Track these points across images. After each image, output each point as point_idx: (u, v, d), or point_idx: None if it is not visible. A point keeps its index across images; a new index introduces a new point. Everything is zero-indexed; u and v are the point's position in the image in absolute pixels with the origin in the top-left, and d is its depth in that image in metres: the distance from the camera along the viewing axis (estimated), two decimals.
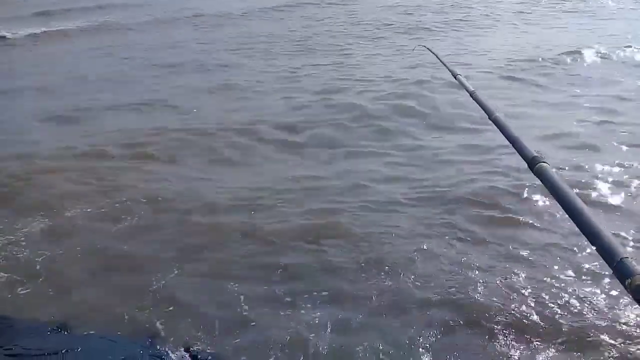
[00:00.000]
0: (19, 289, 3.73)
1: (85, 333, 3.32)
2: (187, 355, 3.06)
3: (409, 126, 6.46)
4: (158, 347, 3.13)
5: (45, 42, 13.74)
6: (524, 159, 1.17)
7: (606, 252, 0.86)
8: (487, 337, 3.11)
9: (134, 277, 3.86)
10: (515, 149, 1.22)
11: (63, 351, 3.09)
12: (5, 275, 3.88)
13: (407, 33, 11.82)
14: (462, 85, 1.83)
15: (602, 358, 2.91)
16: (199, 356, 3.06)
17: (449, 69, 2.24)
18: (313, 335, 3.17)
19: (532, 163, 1.13)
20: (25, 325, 3.39)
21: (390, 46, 10.78)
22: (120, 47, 12.35)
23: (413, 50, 4.72)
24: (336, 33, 12.36)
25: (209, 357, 3.05)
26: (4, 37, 14.26)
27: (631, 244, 3.86)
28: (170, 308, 3.49)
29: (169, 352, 3.08)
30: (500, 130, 1.31)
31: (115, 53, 11.74)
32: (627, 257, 0.83)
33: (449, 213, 4.38)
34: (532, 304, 3.34)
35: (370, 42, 11.25)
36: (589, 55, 8.74)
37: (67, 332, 3.33)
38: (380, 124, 6.53)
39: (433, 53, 2.99)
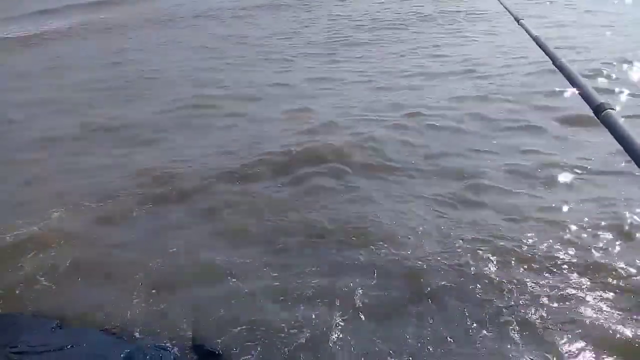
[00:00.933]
0: (23, 286, 3.77)
1: (88, 329, 3.35)
2: (190, 347, 3.12)
3: None
4: (161, 340, 3.20)
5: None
6: (589, 105, 1.12)
7: None
8: None
9: (135, 274, 3.88)
10: (581, 95, 1.17)
11: (67, 347, 3.09)
12: (11, 273, 3.92)
13: None
14: (526, 31, 1.75)
15: None
16: (204, 348, 3.11)
17: (511, 14, 2.13)
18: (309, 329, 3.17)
19: (599, 110, 1.08)
20: (29, 323, 3.40)
21: None
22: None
23: None
24: None
25: (214, 350, 3.10)
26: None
27: None
28: (174, 302, 3.54)
29: (173, 344, 3.15)
30: (565, 77, 1.26)
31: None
32: None
33: None
34: None
35: None
36: None
37: (71, 328, 3.35)
38: None
39: None
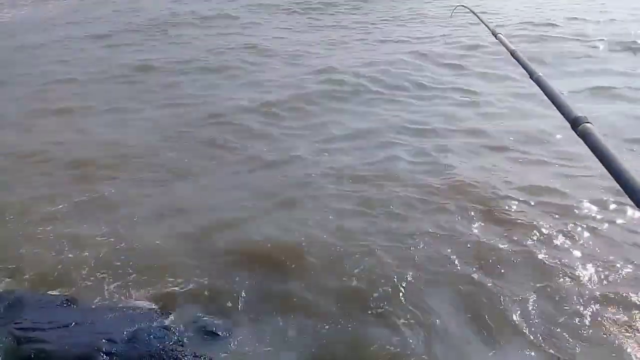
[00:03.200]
0: (28, 263, 3.78)
1: (93, 306, 3.36)
2: (193, 327, 3.11)
3: None
4: (166, 319, 3.18)
5: None
6: (566, 119, 1.13)
7: None
8: None
9: (142, 251, 3.90)
10: (558, 109, 1.18)
11: (72, 324, 3.07)
12: (15, 251, 3.93)
13: None
14: (503, 45, 1.76)
15: None
16: (207, 328, 3.11)
17: (489, 28, 2.15)
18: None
19: (576, 123, 1.09)
20: (35, 299, 3.39)
21: None
22: None
23: (454, 10, 4.58)
24: None
25: (218, 329, 3.11)
26: None
27: None
28: (178, 281, 3.55)
29: (177, 324, 3.13)
30: (543, 91, 1.27)
31: None
32: None
33: None
34: None
35: None
36: None
37: (76, 305, 3.35)
38: None
39: (473, 12, 2.89)
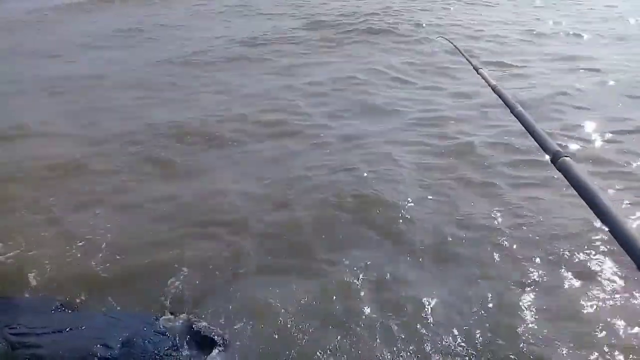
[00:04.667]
0: (24, 267, 3.77)
1: (89, 311, 3.35)
2: (189, 332, 3.10)
3: None
4: (162, 323, 3.18)
5: None
6: (546, 153, 1.16)
7: (637, 256, 0.82)
8: None
9: (138, 255, 3.92)
10: (538, 143, 1.21)
11: (67, 329, 3.06)
12: (11, 254, 3.92)
13: None
14: (484, 79, 1.81)
15: None
16: (202, 332, 3.10)
17: (470, 63, 2.22)
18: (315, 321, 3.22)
19: (555, 157, 1.12)
20: (29, 304, 3.39)
21: None
22: None
23: (434, 40, 4.72)
24: None
25: (213, 334, 3.10)
26: None
27: None
28: (175, 286, 3.56)
29: (172, 328, 3.13)
30: (523, 125, 1.31)
31: None
32: None
33: None
34: None
35: None
36: None
37: (71, 310, 3.35)
38: None
39: (454, 45, 2.96)
